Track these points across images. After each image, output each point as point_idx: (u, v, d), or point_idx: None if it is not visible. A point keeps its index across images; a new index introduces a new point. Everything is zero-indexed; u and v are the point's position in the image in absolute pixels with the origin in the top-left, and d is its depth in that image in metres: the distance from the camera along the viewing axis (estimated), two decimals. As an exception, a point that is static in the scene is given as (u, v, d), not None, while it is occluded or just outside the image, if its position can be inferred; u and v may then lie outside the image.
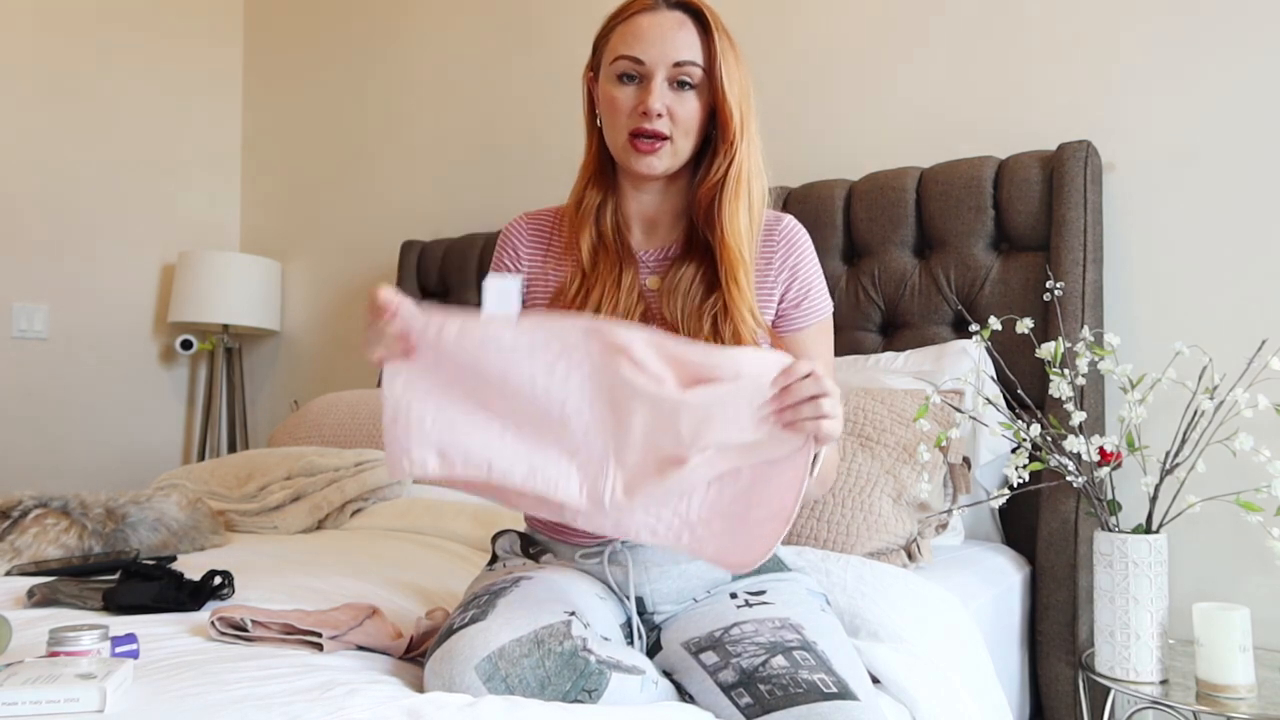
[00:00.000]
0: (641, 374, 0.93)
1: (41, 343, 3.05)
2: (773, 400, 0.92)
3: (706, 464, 0.94)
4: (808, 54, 2.30)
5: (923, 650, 1.19)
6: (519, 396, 0.95)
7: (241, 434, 3.31)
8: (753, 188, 1.15)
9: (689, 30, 1.13)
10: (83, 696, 0.78)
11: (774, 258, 1.19)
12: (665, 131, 1.12)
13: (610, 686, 0.90)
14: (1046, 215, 1.84)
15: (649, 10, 1.14)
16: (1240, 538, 1.66)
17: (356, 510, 2.03)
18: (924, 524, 1.56)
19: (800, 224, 1.23)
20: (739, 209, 1.13)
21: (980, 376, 1.65)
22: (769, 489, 0.95)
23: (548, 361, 0.94)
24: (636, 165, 1.13)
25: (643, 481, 0.94)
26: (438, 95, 3.06)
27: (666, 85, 1.12)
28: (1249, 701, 1.31)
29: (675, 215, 1.21)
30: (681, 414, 0.92)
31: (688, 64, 1.12)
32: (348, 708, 0.82)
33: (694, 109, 1.13)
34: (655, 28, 1.12)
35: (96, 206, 3.18)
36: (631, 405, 0.94)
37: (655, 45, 1.11)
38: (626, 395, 0.94)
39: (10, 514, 1.59)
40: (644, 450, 0.94)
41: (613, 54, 1.14)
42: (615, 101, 1.14)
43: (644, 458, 0.94)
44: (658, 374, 0.94)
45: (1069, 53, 1.95)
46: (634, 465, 0.95)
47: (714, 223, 1.13)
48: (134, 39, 3.28)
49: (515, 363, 0.94)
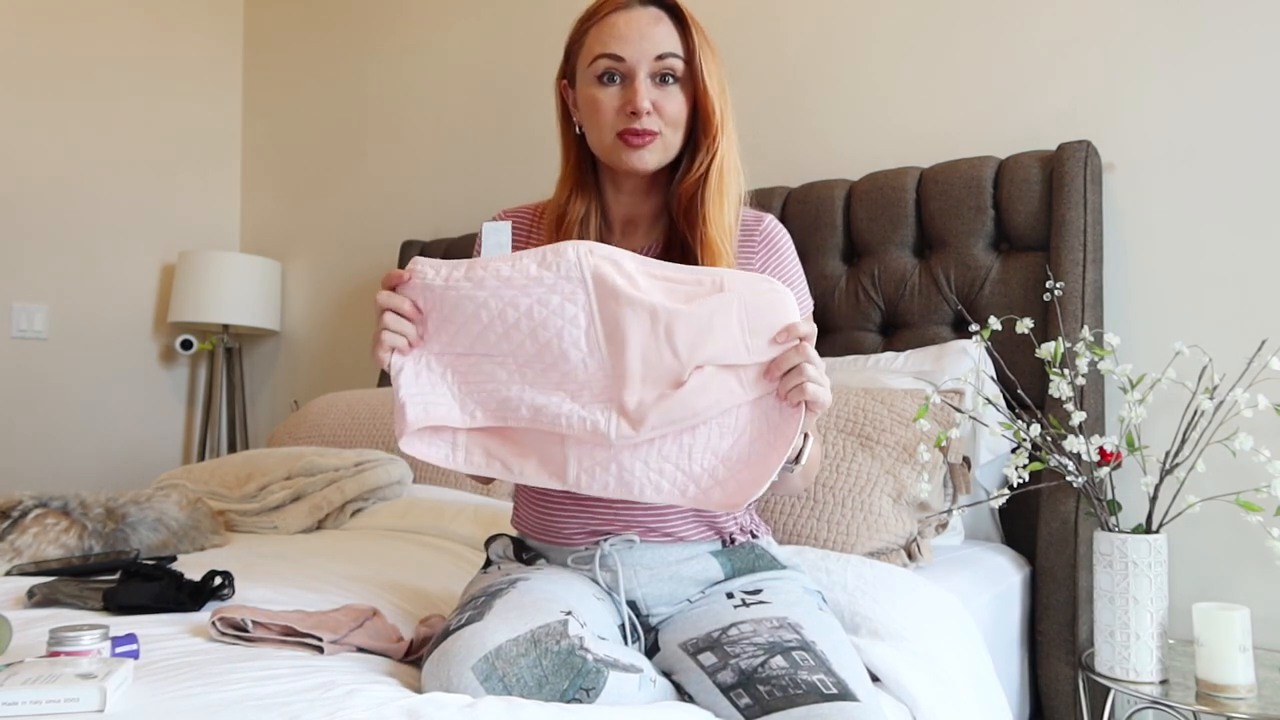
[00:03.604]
0: (635, 289, 0.97)
1: (41, 343, 3.06)
2: (768, 333, 0.97)
3: (703, 389, 0.96)
4: (807, 53, 2.30)
5: (923, 649, 1.19)
6: (519, 331, 0.98)
7: (241, 434, 3.31)
8: (732, 184, 1.14)
9: (666, 25, 1.12)
10: (83, 696, 0.78)
11: (754, 258, 1.18)
12: (654, 128, 1.10)
13: (608, 685, 0.90)
14: (1046, 215, 1.84)
15: (622, 8, 1.12)
16: (1240, 538, 1.66)
17: (356, 510, 2.02)
18: (924, 524, 1.56)
19: (781, 224, 1.23)
20: (722, 205, 1.12)
21: (980, 376, 1.65)
22: (768, 423, 0.99)
23: (542, 294, 0.98)
24: (629, 161, 1.12)
25: (645, 412, 0.96)
26: (438, 95, 3.06)
27: (650, 81, 1.11)
28: (1249, 701, 1.31)
29: (654, 216, 1.20)
30: (676, 326, 0.96)
31: (670, 56, 1.10)
32: (347, 708, 0.82)
33: (679, 103, 1.12)
34: (633, 24, 1.11)
35: (96, 206, 3.18)
36: (628, 325, 0.97)
37: (634, 41, 1.10)
38: (623, 314, 0.97)
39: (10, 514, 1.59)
40: (643, 376, 0.97)
41: (590, 55, 1.13)
42: (598, 103, 1.12)
43: (644, 385, 0.97)
44: (648, 288, 0.98)
45: (1069, 53, 1.95)
46: (635, 396, 0.97)
47: (695, 219, 1.12)
48: (134, 39, 3.28)
49: (513, 298, 0.98)
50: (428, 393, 1.00)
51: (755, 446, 0.99)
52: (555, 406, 0.98)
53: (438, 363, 1.01)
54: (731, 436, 0.99)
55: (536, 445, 1.02)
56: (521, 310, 0.98)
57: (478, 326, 0.99)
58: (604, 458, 0.99)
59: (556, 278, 0.98)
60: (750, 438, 1.00)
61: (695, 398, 0.96)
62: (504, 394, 1.00)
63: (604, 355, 0.99)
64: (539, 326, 0.98)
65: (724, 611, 1.05)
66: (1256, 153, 1.74)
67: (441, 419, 0.99)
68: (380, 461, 2.09)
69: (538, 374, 1.00)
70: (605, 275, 0.98)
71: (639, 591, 1.11)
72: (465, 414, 1.00)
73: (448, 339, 1.01)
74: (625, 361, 0.98)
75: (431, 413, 0.99)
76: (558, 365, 0.99)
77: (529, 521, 1.20)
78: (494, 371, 1.00)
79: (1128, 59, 1.88)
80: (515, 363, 1.00)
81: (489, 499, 1.96)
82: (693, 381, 0.97)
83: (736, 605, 1.06)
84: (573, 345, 0.98)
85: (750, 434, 1.00)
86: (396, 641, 1.08)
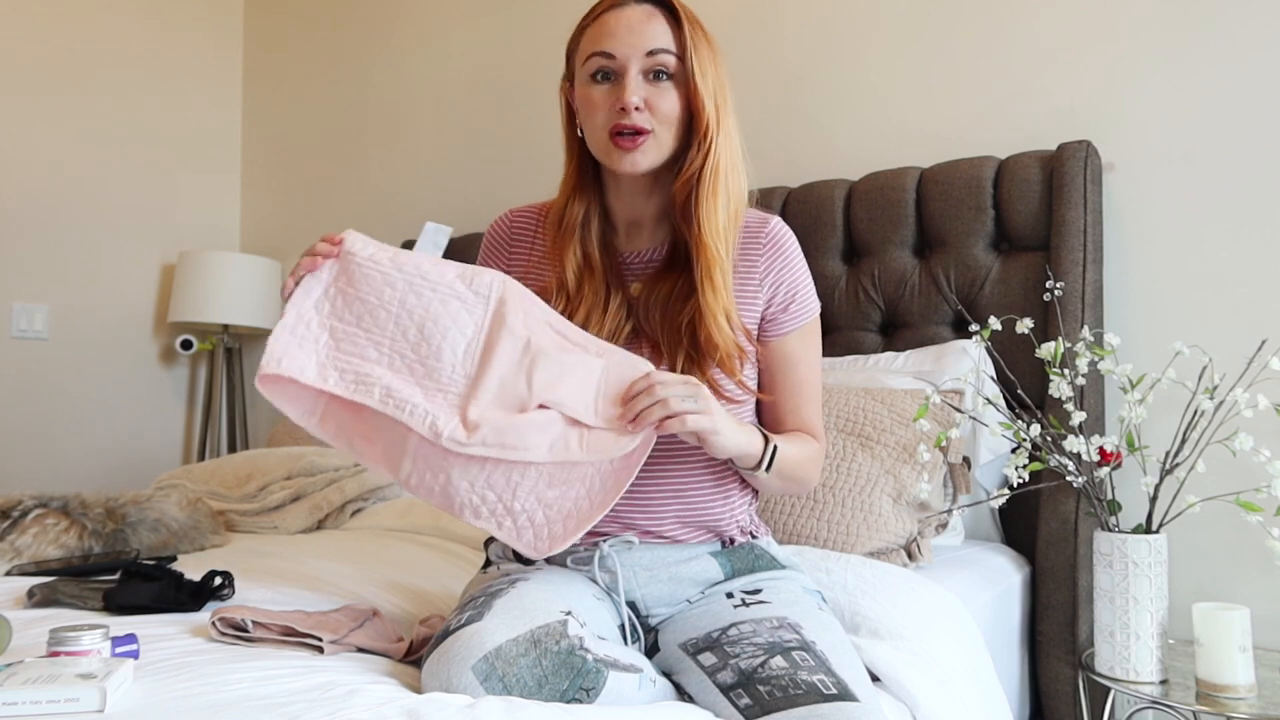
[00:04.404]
0: (524, 327, 1.04)
1: (41, 343, 3.05)
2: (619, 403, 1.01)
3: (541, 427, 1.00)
4: (807, 53, 2.30)
5: (923, 649, 1.19)
6: (409, 319, 1.04)
7: (241, 434, 3.31)
8: (730, 184, 1.13)
9: (659, 21, 1.11)
10: (83, 696, 0.78)
11: (759, 261, 1.17)
12: (645, 125, 1.10)
13: (608, 685, 0.90)
14: (1046, 215, 1.84)
15: (616, 7, 1.12)
16: (1240, 538, 1.66)
17: (356, 510, 2.03)
18: (924, 524, 1.56)
19: (787, 226, 1.22)
20: (716, 205, 1.11)
21: (980, 376, 1.65)
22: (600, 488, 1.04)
23: (447, 297, 1.05)
24: (620, 164, 1.11)
25: (481, 424, 1.00)
26: (438, 95, 3.06)
27: (642, 78, 1.10)
28: (1249, 701, 1.31)
29: (658, 216, 1.20)
30: (539, 363, 1.02)
31: (661, 52, 1.10)
32: (347, 708, 0.82)
33: (673, 100, 1.11)
34: (624, 21, 1.11)
35: (96, 206, 3.18)
36: (500, 348, 1.03)
37: (625, 38, 1.10)
38: (502, 338, 1.03)
39: (10, 514, 1.59)
40: (495, 396, 1.02)
41: (584, 55, 1.13)
42: (591, 100, 1.12)
43: (492, 403, 1.02)
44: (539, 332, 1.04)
45: (1069, 53, 1.95)
46: (479, 409, 1.01)
47: (690, 218, 1.12)
48: (134, 38, 3.28)
49: (420, 289, 1.05)
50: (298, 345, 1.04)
51: (580, 503, 1.04)
52: (406, 394, 1.02)
53: (318, 323, 1.05)
54: (560, 488, 1.03)
55: (384, 434, 1.07)
56: (423, 302, 1.05)
57: (375, 301, 1.05)
58: (437, 465, 1.03)
59: (468, 291, 1.06)
60: (577, 494, 1.04)
61: (530, 431, 1.00)
62: (364, 370, 1.04)
63: (472, 367, 1.03)
64: (430, 320, 1.04)
65: (724, 611, 1.05)
66: (1256, 152, 1.74)
67: (294, 372, 1.02)
68: (380, 461, 2.08)
69: (406, 362, 1.04)
70: (508, 306, 1.05)
71: (638, 592, 1.11)
72: (320, 375, 1.03)
73: (341, 306, 1.06)
74: (485, 377, 1.02)
75: (286, 364, 1.02)
76: (426, 361, 1.04)
77: None
78: (366, 349, 1.04)
79: (1128, 59, 1.88)
80: (390, 345, 1.04)
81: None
82: (535, 415, 1.00)
83: (736, 605, 1.06)
84: (450, 348, 1.04)
85: (578, 490, 1.04)
86: (396, 641, 1.08)
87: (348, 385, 1.03)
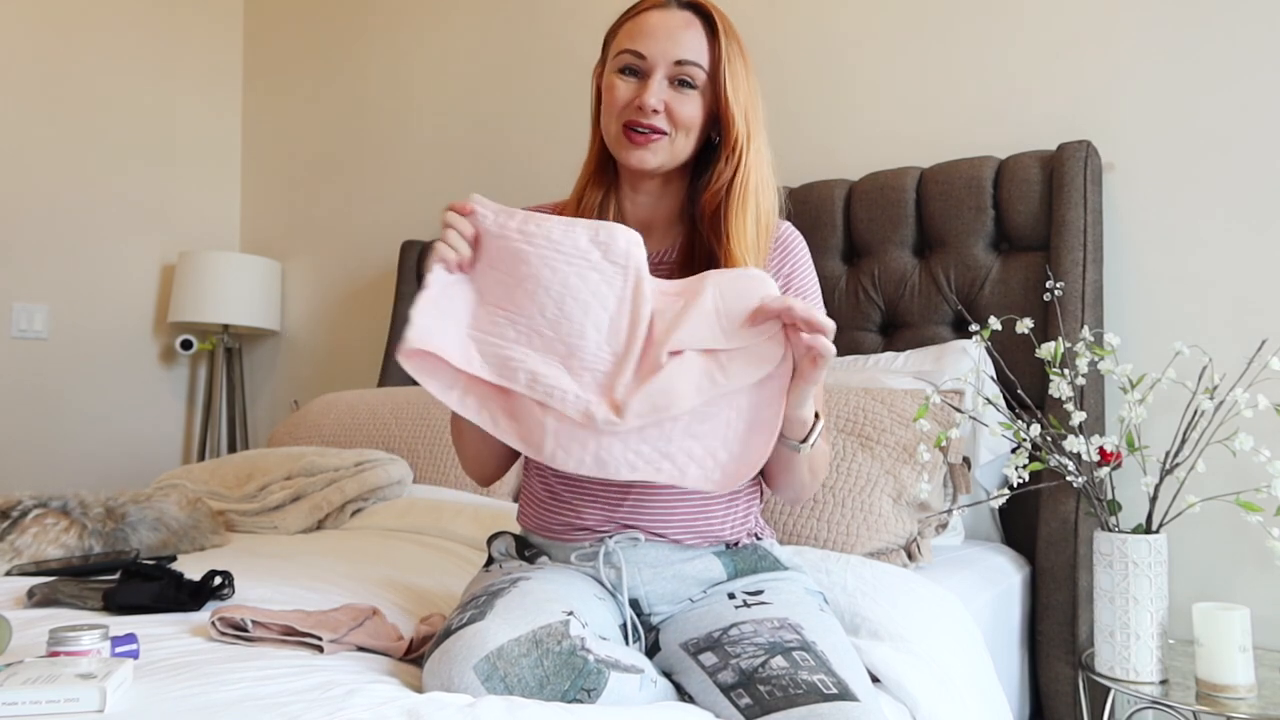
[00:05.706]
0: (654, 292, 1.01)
1: (41, 343, 3.05)
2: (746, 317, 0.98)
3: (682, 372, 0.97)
4: (808, 53, 2.30)
5: (923, 650, 1.19)
6: (547, 295, 1.00)
7: (241, 434, 3.31)
8: (760, 200, 1.14)
9: (696, 31, 1.12)
10: (83, 696, 0.78)
11: (769, 263, 1.18)
12: (662, 127, 1.11)
13: (609, 686, 0.90)
14: (1046, 215, 1.84)
15: (659, 8, 1.14)
16: (1240, 538, 1.66)
17: (356, 510, 2.02)
18: (924, 524, 1.56)
19: (798, 231, 1.23)
20: (746, 221, 1.12)
21: (980, 376, 1.65)
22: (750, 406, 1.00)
23: (584, 269, 1.00)
24: (628, 157, 1.12)
25: (628, 399, 0.97)
26: (438, 95, 3.06)
27: (666, 83, 1.11)
28: (1249, 701, 1.31)
29: (670, 219, 1.21)
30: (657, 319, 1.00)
31: (689, 64, 1.11)
32: (347, 708, 0.82)
33: (695, 109, 1.12)
34: (662, 25, 1.12)
35: (96, 206, 3.18)
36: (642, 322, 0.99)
37: (659, 42, 1.11)
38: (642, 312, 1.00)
39: (10, 514, 1.59)
40: (638, 365, 0.99)
41: (618, 48, 1.15)
42: (614, 90, 1.13)
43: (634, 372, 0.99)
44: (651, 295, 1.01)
45: (1069, 53, 1.95)
46: (624, 384, 0.98)
47: (720, 232, 1.12)
48: (133, 39, 3.28)
49: (555, 263, 1.00)
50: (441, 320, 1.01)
51: (737, 431, 1.00)
52: (554, 379, 0.99)
53: (463, 301, 1.03)
54: (711, 422, 1.00)
55: (525, 412, 1.03)
56: (559, 277, 1.00)
57: (513, 279, 1.01)
58: (583, 439, 1.00)
59: (603, 259, 1.01)
60: (730, 423, 1.00)
61: (674, 382, 0.97)
62: (506, 353, 1.01)
63: (619, 344, 1.00)
64: (569, 297, 1.00)
65: (725, 611, 1.05)
66: (1256, 152, 1.74)
67: (439, 349, 1.00)
68: (380, 461, 2.09)
69: (545, 341, 1.01)
70: (644, 273, 1.01)
71: (642, 590, 1.11)
72: (464, 357, 1.01)
73: (483, 283, 1.03)
74: (631, 352, 0.99)
75: (431, 340, 1.00)
76: (568, 339, 1.00)
77: (532, 519, 1.20)
78: (505, 329, 1.01)
79: (1128, 59, 1.88)
80: (527, 323, 1.01)
81: (489, 499, 1.96)
82: (671, 366, 0.98)
83: (738, 605, 1.06)
84: (594, 327, 1.00)
85: (731, 420, 1.00)
86: (396, 641, 1.08)
87: (491, 370, 1.00)
